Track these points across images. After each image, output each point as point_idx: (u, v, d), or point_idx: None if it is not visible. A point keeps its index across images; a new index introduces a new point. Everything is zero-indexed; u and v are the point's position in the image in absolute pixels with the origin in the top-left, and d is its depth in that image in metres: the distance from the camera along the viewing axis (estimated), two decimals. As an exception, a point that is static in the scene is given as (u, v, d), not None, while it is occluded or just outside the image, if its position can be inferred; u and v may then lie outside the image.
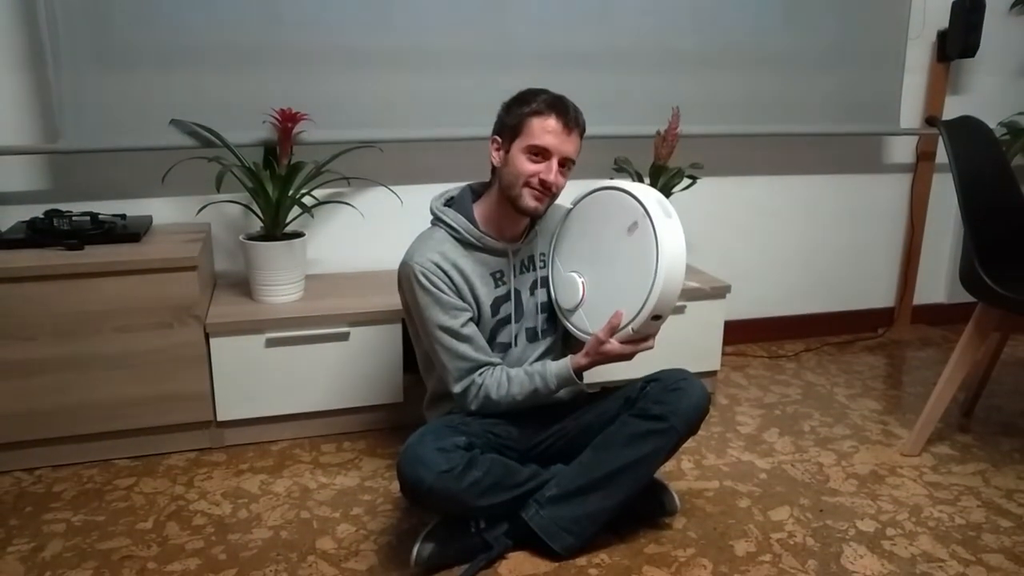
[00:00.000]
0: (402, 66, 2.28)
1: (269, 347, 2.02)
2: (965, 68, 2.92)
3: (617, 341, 1.59)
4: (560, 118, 1.59)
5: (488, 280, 1.70)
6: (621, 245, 1.61)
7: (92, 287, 1.85)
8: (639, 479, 1.62)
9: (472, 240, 1.67)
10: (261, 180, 2.05)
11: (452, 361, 1.64)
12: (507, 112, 1.65)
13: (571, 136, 1.61)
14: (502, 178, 1.65)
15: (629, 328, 1.57)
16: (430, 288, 1.61)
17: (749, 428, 2.25)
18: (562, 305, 1.75)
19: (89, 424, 1.94)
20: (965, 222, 1.93)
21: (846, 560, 1.63)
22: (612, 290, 1.62)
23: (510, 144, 1.63)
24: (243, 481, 1.91)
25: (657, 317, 1.56)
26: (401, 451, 1.52)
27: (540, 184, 1.61)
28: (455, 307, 1.63)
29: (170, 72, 2.10)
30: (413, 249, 1.66)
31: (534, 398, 1.65)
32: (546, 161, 1.60)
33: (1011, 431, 2.24)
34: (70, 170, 2.17)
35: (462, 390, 1.65)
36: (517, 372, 1.66)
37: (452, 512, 1.58)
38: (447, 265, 1.63)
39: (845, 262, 3.01)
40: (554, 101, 1.61)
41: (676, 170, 2.34)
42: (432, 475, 1.47)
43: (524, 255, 1.76)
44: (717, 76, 2.57)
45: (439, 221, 1.70)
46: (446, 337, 1.63)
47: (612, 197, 1.66)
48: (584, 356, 1.63)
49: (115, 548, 1.64)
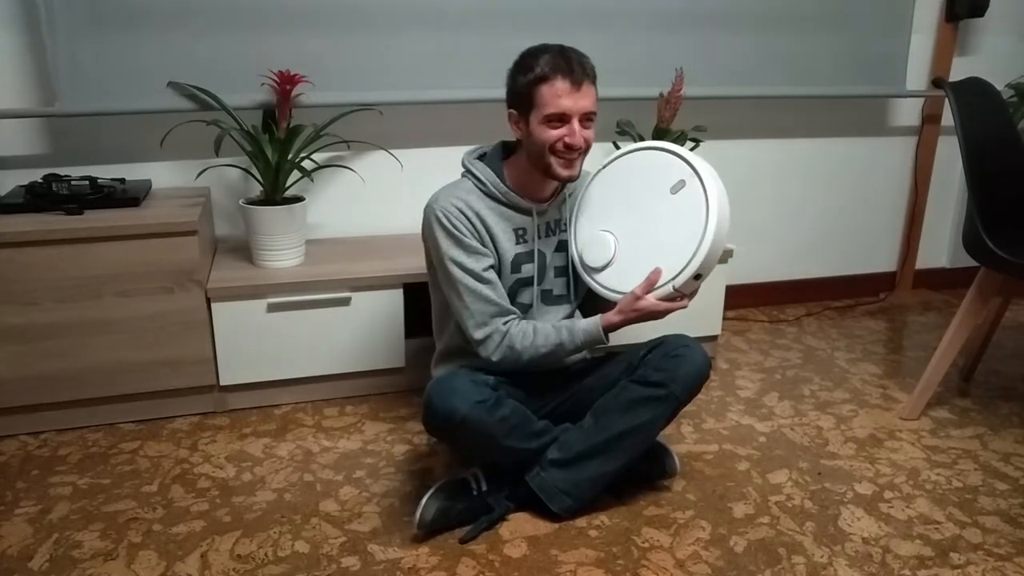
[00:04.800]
0: (402, 27, 2.24)
1: (271, 312, 2.02)
2: (973, 28, 2.87)
3: (654, 298, 1.59)
4: (566, 77, 1.54)
5: (511, 235, 1.68)
6: (663, 204, 1.61)
7: (92, 252, 1.85)
8: (639, 444, 1.64)
9: (498, 195, 1.65)
10: (260, 144, 2.03)
11: (476, 303, 1.60)
12: (514, 82, 1.61)
13: (583, 90, 1.56)
14: (529, 150, 1.62)
15: (670, 285, 1.57)
16: (452, 230, 1.59)
17: (749, 392, 2.26)
18: (589, 264, 1.71)
19: (93, 388, 1.95)
20: (970, 186, 1.92)
21: (843, 522, 1.65)
22: (649, 249, 1.61)
23: (527, 116, 1.59)
24: (246, 445, 1.93)
25: (699, 276, 1.56)
26: (430, 385, 1.51)
27: (565, 148, 1.58)
28: (477, 251, 1.61)
29: (167, 34, 2.07)
30: (438, 194, 1.65)
31: (558, 352, 1.63)
32: (566, 124, 1.57)
33: (1010, 395, 2.25)
34: (68, 133, 2.15)
35: (484, 336, 1.61)
36: (543, 325, 1.64)
37: (476, 451, 1.59)
38: (470, 212, 1.62)
39: (847, 226, 3.00)
40: (556, 61, 1.55)
41: (679, 133, 2.32)
42: (468, 404, 1.47)
43: (551, 217, 1.74)
44: (721, 37, 2.53)
45: (468, 173, 1.68)
46: (468, 279, 1.60)
47: (650, 159, 1.66)
48: (617, 313, 1.61)
49: (121, 511, 1.66)
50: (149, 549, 1.54)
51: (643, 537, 1.59)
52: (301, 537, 1.58)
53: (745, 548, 1.57)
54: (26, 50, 2.05)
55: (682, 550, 1.56)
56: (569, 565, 1.51)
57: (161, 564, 1.50)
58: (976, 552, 1.56)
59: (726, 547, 1.57)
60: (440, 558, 1.52)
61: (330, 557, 1.52)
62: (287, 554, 1.53)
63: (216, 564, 1.50)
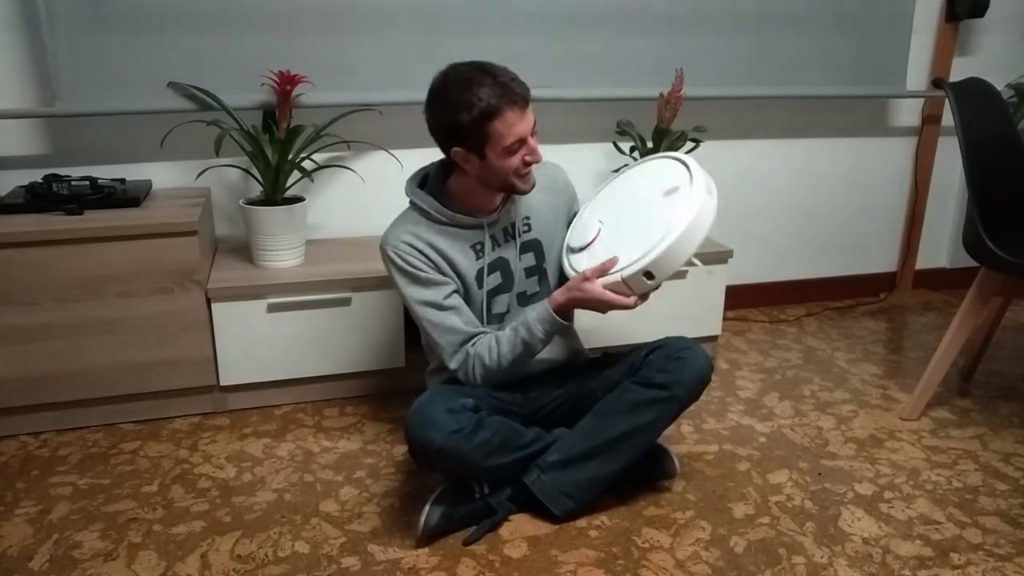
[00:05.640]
0: (402, 27, 2.24)
1: (271, 312, 2.02)
2: (973, 28, 2.87)
3: (601, 285, 1.57)
4: (513, 106, 1.50)
5: (468, 252, 1.67)
6: (652, 204, 1.63)
7: (93, 252, 1.85)
8: (640, 446, 1.64)
9: (444, 220, 1.64)
10: (260, 144, 2.03)
11: (442, 336, 1.63)
12: (453, 122, 1.52)
13: (527, 109, 1.54)
14: (485, 178, 1.60)
15: (619, 275, 1.56)
16: (406, 268, 1.61)
17: (749, 392, 2.26)
18: (570, 243, 1.74)
19: (93, 389, 1.95)
20: (970, 186, 1.91)
21: (844, 523, 1.65)
22: (622, 241, 1.62)
23: (481, 152, 1.54)
24: (247, 445, 1.93)
25: (650, 276, 1.54)
26: (409, 413, 1.52)
27: (526, 165, 1.59)
28: (434, 281, 1.62)
29: (167, 34, 2.07)
30: (388, 232, 1.65)
31: (527, 351, 1.63)
32: (524, 145, 1.56)
33: (1010, 395, 2.25)
34: (68, 134, 2.15)
35: (459, 365, 1.64)
36: (503, 332, 1.64)
37: (459, 473, 1.60)
38: (421, 244, 1.62)
39: (847, 226, 3.00)
40: (495, 91, 1.49)
41: (679, 133, 2.32)
42: (442, 436, 1.48)
43: (504, 224, 1.72)
44: (721, 37, 2.52)
45: (412, 204, 1.68)
46: (431, 311, 1.62)
47: (663, 164, 1.71)
48: (564, 291, 1.61)
49: (121, 511, 1.66)
50: (149, 549, 1.54)
51: (643, 537, 1.59)
52: (301, 537, 1.58)
53: (745, 548, 1.57)
54: (26, 50, 2.05)
55: (682, 550, 1.56)
56: (569, 565, 1.51)
57: (161, 564, 1.50)
58: (976, 552, 1.56)
59: (726, 547, 1.57)
60: (440, 558, 1.52)
61: (330, 557, 1.52)
62: (287, 554, 1.53)
63: (216, 564, 1.50)
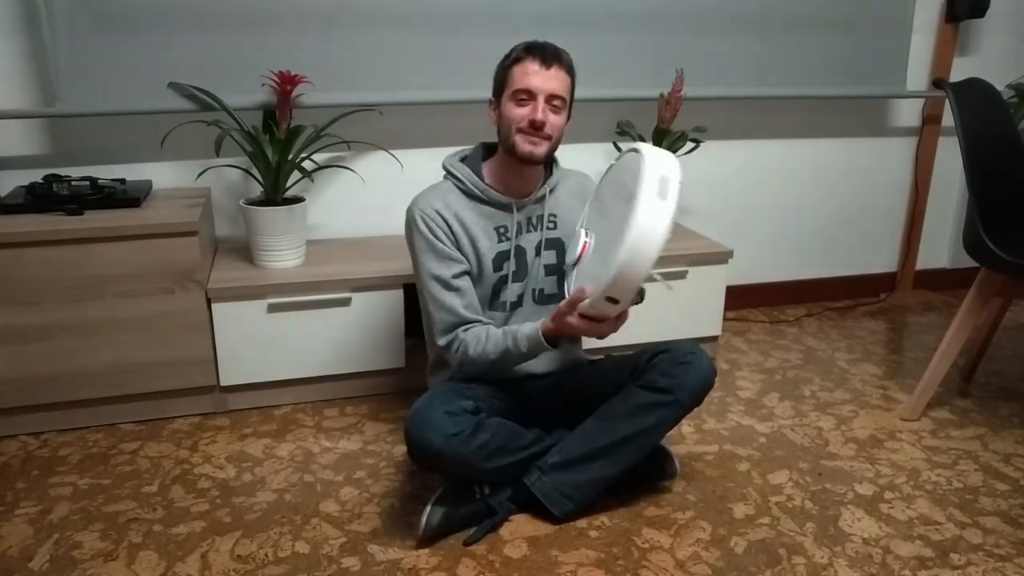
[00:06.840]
0: (402, 28, 2.24)
1: (271, 312, 2.02)
2: (974, 28, 2.87)
3: (578, 315, 1.50)
4: (537, 57, 1.59)
5: (492, 234, 1.69)
6: (621, 212, 1.44)
7: (93, 252, 1.85)
8: (641, 450, 1.64)
9: (477, 192, 1.67)
10: (260, 144, 2.03)
11: (438, 312, 1.64)
12: (495, 74, 1.67)
13: (552, 71, 1.59)
14: (500, 133, 1.67)
15: (587, 304, 1.46)
16: (426, 234, 1.63)
17: (749, 393, 2.26)
18: (567, 259, 1.70)
19: (93, 389, 1.95)
20: (970, 186, 1.91)
21: (844, 523, 1.65)
22: (600, 255, 1.52)
23: (500, 100, 1.65)
24: (247, 445, 1.93)
25: (614, 301, 1.43)
26: (409, 415, 1.52)
27: (530, 125, 1.59)
28: (449, 257, 1.64)
29: (167, 34, 2.07)
30: (419, 196, 1.69)
31: (507, 359, 1.61)
32: (532, 102, 1.59)
33: (1010, 396, 2.25)
34: (68, 134, 2.15)
35: (446, 343, 1.65)
36: (496, 330, 1.63)
37: (459, 475, 1.59)
38: (448, 214, 1.65)
39: (848, 227, 3.00)
40: (530, 44, 1.62)
41: (679, 133, 2.32)
42: (441, 438, 1.48)
43: (533, 213, 1.74)
44: (721, 38, 2.53)
45: (448, 174, 1.71)
46: (435, 285, 1.64)
47: (630, 161, 1.51)
48: (552, 320, 1.55)
49: (121, 511, 1.66)
50: (149, 549, 1.54)
51: (643, 538, 1.59)
52: (301, 538, 1.58)
53: (745, 549, 1.57)
54: (27, 51, 2.05)
55: (682, 551, 1.56)
56: (569, 566, 1.51)
57: (161, 564, 1.50)
58: (976, 553, 1.56)
59: (726, 548, 1.57)
60: (440, 559, 1.52)
61: (330, 558, 1.52)
62: (287, 555, 1.53)
63: (216, 564, 1.50)
